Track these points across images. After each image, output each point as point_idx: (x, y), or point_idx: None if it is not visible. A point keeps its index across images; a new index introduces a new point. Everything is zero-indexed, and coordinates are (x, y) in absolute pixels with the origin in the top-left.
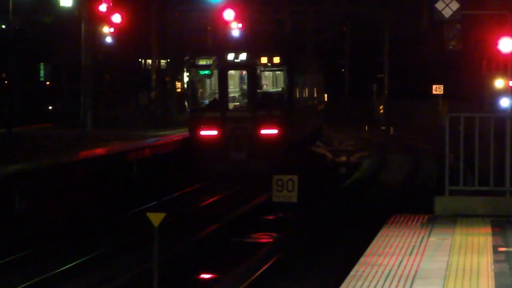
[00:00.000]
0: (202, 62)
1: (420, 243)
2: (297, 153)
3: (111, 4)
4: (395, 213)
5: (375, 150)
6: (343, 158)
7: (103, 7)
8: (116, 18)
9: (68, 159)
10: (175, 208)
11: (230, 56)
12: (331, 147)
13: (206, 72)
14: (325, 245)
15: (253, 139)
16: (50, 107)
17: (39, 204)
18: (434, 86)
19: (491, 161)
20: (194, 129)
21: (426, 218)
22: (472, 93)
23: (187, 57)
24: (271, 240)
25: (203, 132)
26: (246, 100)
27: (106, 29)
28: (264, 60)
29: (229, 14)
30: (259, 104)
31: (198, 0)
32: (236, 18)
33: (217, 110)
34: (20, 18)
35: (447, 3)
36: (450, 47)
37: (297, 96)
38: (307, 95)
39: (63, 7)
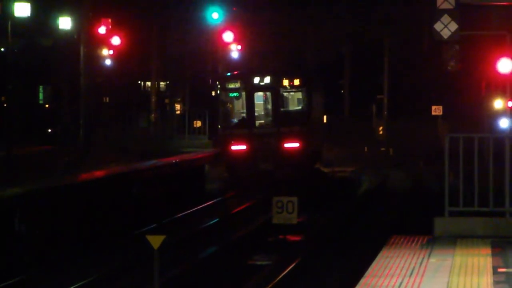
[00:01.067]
0: (232, 85)
1: (420, 264)
2: (312, 163)
3: (110, 27)
4: (395, 234)
5: (373, 169)
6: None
7: (102, 30)
8: (115, 40)
9: (69, 181)
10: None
11: (256, 80)
12: (330, 165)
13: (235, 94)
14: (325, 266)
15: (278, 151)
16: (49, 130)
17: (40, 226)
18: (433, 107)
19: (491, 182)
20: (225, 144)
21: (426, 239)
22: (472, 113)
23: (218, 81)
24: (270, 262)
25: (233, 147)
26: (270, 118)
27: (105, 52)
28: (285, 82)
29: (228, 36)
30: (282, 121)
31: (198, 22)
32: (236, 40)
33: (245, 127)
34: (19, 41)
35: (445, 24)
36: (449, 67)
37: (312, 113)
38: (316, 113)
39: (62, 30)
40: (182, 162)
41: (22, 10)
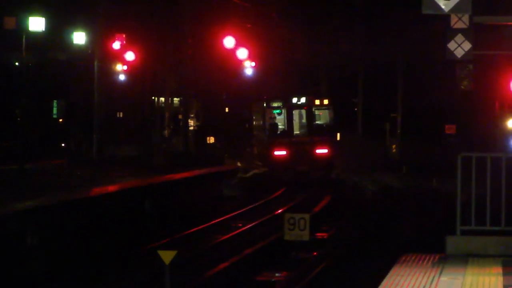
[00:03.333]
0: (275, 104)
1: (431, 282)
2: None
3: (124, 42)
4: (406, 252)
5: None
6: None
7: (116, 45)
8: (130, 56)
9: (81, 195)
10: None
11: (294, 100)
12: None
13: (278, 111)
14: (335, 284)
15: (311, 156)
16: (63, 144)
17: (52, 240)
18: (446, 126)
19: (503, 201)
20: (270, 150)
21: (437, 257)
22: (485, 133)
23: (264, 101)
24: (282, 278)
25: (276, 153)
26: (305, 130)
27: (119, 67)
28: (317, 102)
29: (242, 53)
30: (314, 132)
31: (211, 40)
32: (250, 57)
33: (285, 137)
34: (33, 55)
35: (459, 43)
36: (463, 87)
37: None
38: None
39: (77, 45)
40: (195, 177)
41: (36, 25)
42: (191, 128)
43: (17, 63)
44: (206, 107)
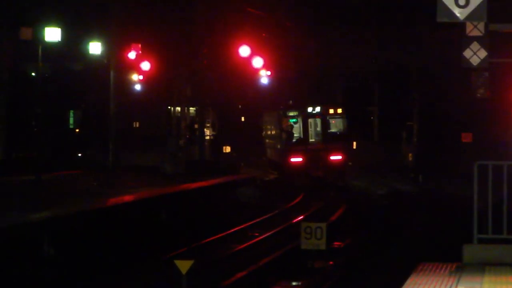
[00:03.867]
0: (292, 113)
1: None
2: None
3: (140, 52)
4: (423, 261)
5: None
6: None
7: (132, 55)
8: (145, 65)
9: (97, 205)
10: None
11: (309, 109)
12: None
13: (294, 120)
14: None
15: (326, 162)
16: (79, 154)
17: (68, 250)
18: (463, 134)
19: None
20: (286, 157)
21: (454, 266)
22: (501, 141)
23: (281, 111)
24: (298, 287)
25: (292, 159)
26: (320, 138)
27: (135, 77)
28: (331, 111)
29: (258, 62)
30: (329, 140)
31: (226, 49)
32: (265, 66)
33: (302, 144)
34: (49, 66)
35: (475, 51)
36: (478, 95)
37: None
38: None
39: (93, 55)
40: (211, 186)
41: (53, 35)
42: (207, 137)
43: (33, 74)
44: (222, 116)
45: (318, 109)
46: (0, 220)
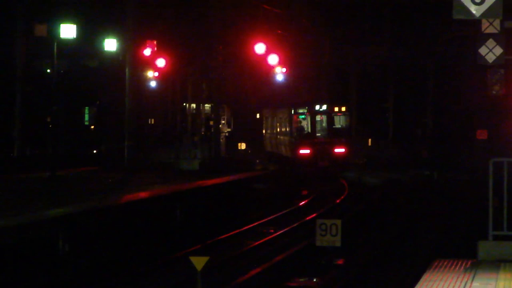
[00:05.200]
0: (300, 110)
1: None
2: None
3: (155, 49)
4: (438, 257)
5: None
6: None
7: (147, 52)
8: (160, 62)
9: (112, 202)
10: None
11: (317, 107)
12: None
13: (302, 116)
14: None
15: (331, 154)
16: (94, 151)
17: (83, 247)
18: (478, 131)
19: None
20: (296, 149)
21: (469, 263)
22: None
23: (291, 108)
24: (313, 284)
25: (301, 151)
26: (326, 132)
27: (150, 73)
28: (336, 109)
29: (273, 59)
30: (333, 134)
31: (242, 46)
32: (280, 63)
33: (309, 138)
34: (65, 62)
35: (490, 48)
36: (494, 92)
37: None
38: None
39: (108, 52)
40: (226, 183)
41: (68, 32)
42: (222, 134)
43: (48, 70)
44: (237, 113)
45: (324, 107)
46: (15, 218)
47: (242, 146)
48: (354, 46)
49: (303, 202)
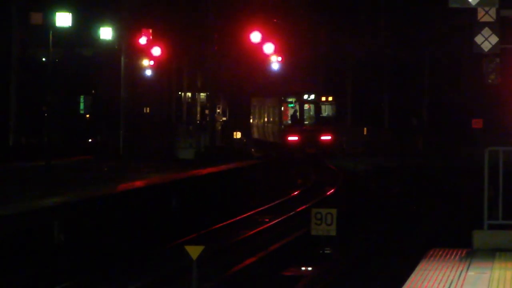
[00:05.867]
0: (290, 99)
1: (459, 277)
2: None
3: (151, 38)
4: (433, 247)
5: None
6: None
7: (143, 40)
8: (156, 51)
9: (108, 191)
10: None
11: (305, 96)
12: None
13: (292, 105)
14: (362, 279)
15: (318, 141)
16: (90, 140)
17: (78, 236)
18: (473, 120)
19: None
20: (284, 136)
21: (464, 252)
22: None
23: (282, 97)
24: (308, 273)
25: (290, 138)
26: (313, 121)
27: (145, 62)
28: (323, 98)
29: (269, 48)
30: (320, 122)
31: (237, 35)
32: (276, 52)
33: (298, 125)
34: (60, 51)
35: (486, 36)
36: (490, 81)
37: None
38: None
39: (103, 40)
40: (222, 172)
41: (63, 20)
42: (218, 123)
43: (44, 59)
44: (232, 102)
45: (312, 96)
46: (10, 207)
47: (238, 135)
48: (350, 36)
49: (296, 192)
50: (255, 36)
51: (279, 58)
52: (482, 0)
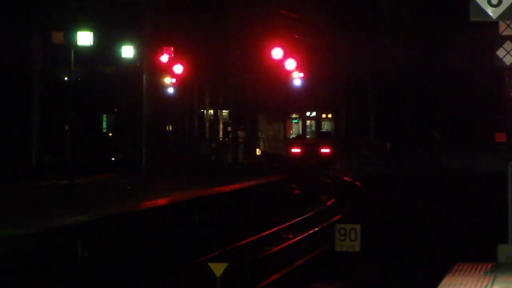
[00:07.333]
0: (294, 116)
1: None
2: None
3: (172, 55)
4: (459, 261)
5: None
6: None
7: (164, 58)
8: (178, 68)
9: (131, 209)
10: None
11: (307, 113)
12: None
13: (295, 121)
14: None
15: (318, 153)
16: (112, 158)
17: (102, 254)
18: (497, 134)
19: None
20: (288, 148)
21: (489, 266)
22: None
23: (286, 113)
24: None
25: (293, 150)
26: (314, 135)
27: (167, 80)
28: (324, 116)
29: (290, 64)
30: (320, 136)
31: (260, 49)
32: (298, 68)
33: (300, 139)
34: (82, 69)
35: (508, 50)
36: (511, 94)
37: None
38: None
39: (125, 58)
40: (245, 189)
41: (84, 39)
42: (240, 140)
43: (66, 78)
44: (254, 119)
45: (314, 113)
46: (34, 225)
47: (258, 152)
48: (370, 49)
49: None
50: (277, 52)
51: (301, 74)
52: (503, 14)
